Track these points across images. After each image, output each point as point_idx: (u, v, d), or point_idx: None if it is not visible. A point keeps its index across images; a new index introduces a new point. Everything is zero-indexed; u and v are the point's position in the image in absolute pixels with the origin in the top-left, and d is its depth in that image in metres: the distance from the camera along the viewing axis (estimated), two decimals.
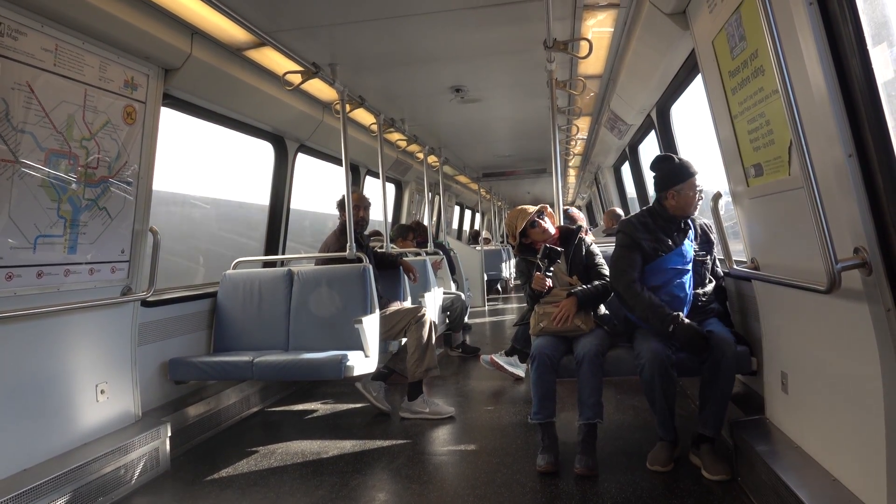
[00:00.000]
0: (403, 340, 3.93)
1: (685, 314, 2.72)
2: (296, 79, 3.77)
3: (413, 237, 6.22)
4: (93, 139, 2.70)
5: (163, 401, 3.40)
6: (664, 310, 2.65)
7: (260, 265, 4.66)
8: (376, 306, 3.73)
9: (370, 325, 3.51)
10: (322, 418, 3.89)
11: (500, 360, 4.48)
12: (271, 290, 3.88)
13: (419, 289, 4.88)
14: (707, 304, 2.86)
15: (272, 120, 4.53)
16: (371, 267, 3.83)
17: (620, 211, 6.60)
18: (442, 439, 3.37)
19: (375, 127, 5.08)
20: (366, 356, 3.44)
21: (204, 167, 6.02)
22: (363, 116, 5.18)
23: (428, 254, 5.87)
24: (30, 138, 2.39)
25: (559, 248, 2.99)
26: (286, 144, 4.93)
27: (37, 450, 2.52)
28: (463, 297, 5.85)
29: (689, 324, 2.62)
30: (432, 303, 4.95)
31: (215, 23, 3.09)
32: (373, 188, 7.19)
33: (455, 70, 4.39)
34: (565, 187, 12.66)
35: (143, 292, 3.05)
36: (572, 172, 10.79)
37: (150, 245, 3.09)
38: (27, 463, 2.46)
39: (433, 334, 3.82)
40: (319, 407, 4.12)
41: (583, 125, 6.48)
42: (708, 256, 2.93)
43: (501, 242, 13.22)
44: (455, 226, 13.78)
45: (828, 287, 1.65)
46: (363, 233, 4.32)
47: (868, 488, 1.79)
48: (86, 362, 2.79)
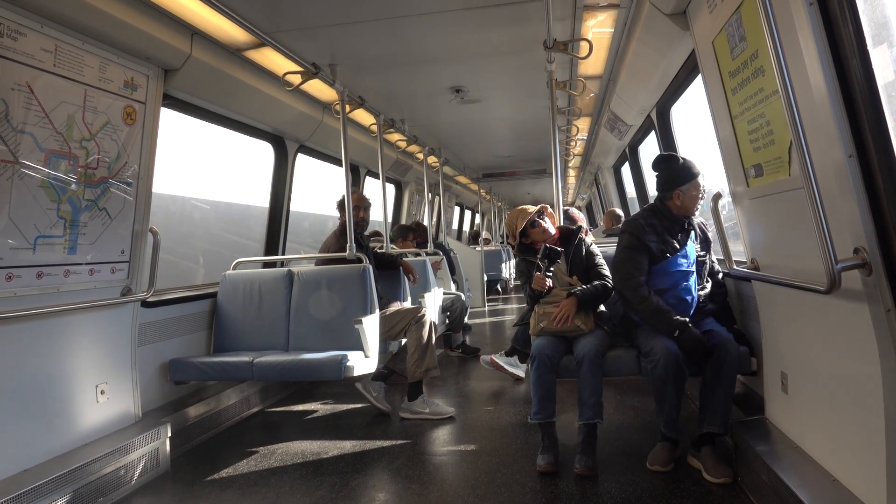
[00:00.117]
0: (403, 341, 3.93)
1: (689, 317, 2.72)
2: (296, 79, 3.76)
3: (413, 238, 6.21)
4: (93, 140, 2.70)
5: (163, 401, 3.40)
6: (671, 315, 2.64)
7: (260, 266, 4.66)
8: (376, 307, 3.73)
9: (370, 326, 3.51)
10: (322, 419, 3.88)
11: (500, 361, 4.47)
12: (271, 291, 3.88)
13: (419, 289, 4.88)
14: (705, 305, 2.86)
15: (272, 120, 4.53)
16: (371, 267, 3.83)
17: (620, 211, 6.58)
18: (442, 439, 3.37)
19: (375, 127, 5.07)
20: (366, 356, 3.44)
21: (204, 167, 6.03)
22: (363, 117, 5.18)
23: (428, 254, 5.87)
24: (29, 139, 2.39)
25: (559, 249, 2.98)
26: (286, 145, 4.93)
27: (37, 450, 2.52)
28: (463, 298, 5.85)
29: (695, 332, 2.62)
30: (432, 303, 4.95)
31: (215, 23, 3.09)
32: (373, 189, 7.20)
33: (455, 70, 4.39)
34: (565, 188, 12.65)
35: (143, 293, 3.05)
36: (572, 173, 10.79)
37: (150, 245, 3.10)
38: (27, 463, 2.46)
39: (433, 335, 3.82)
40: (319, 407, 4.12)
41: (583, 126, 6.48)
42: (707, 256, 2.94)
43: (501, 243, 13.22)
44: (455, 226, 13.78)
45: (828, 287, 1.65)
46: (363, 233, 4.32)
47: (868, 488, 1.79)
48: (86, 363, 2.79)
